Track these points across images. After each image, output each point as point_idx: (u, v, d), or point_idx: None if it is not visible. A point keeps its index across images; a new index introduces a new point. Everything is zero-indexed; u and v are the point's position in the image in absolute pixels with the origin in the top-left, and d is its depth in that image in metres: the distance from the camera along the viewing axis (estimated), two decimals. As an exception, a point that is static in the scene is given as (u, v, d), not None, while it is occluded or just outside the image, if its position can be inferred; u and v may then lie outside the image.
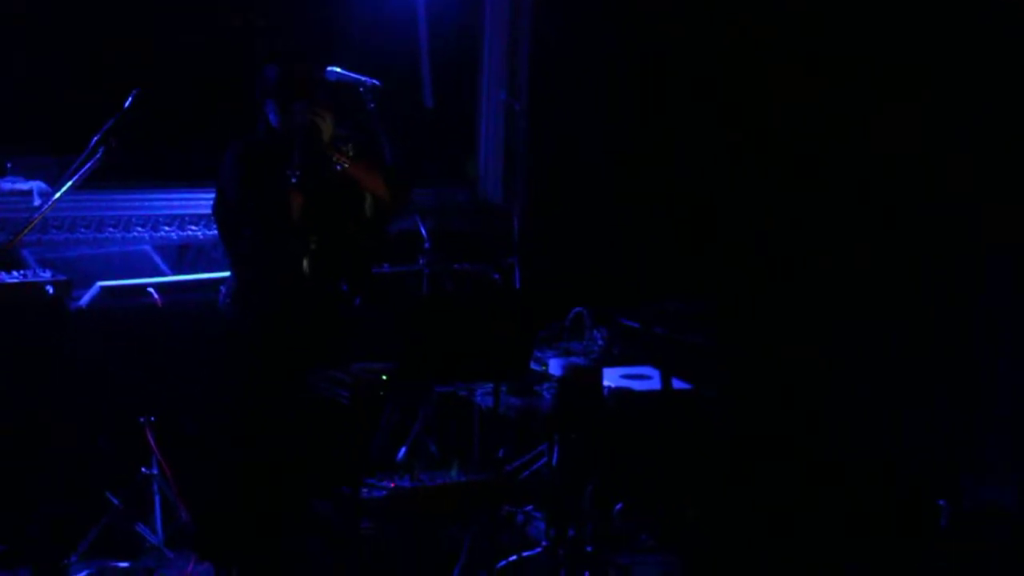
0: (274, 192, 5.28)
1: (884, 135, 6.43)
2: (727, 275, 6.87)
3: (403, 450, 5.90)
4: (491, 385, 5.23)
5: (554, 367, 5.48)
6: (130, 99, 5.50)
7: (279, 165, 5.29)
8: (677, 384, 5.49)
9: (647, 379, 5.59)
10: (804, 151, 6.78)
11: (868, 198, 6.52)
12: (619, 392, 5.39)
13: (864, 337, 6.52)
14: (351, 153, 5.39)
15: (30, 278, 5.47)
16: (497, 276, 6.28)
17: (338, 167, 5.35)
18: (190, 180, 6.62)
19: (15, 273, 5.46)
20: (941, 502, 6.02)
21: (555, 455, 5.47)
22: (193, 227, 6.51)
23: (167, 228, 6.48)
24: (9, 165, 6.37)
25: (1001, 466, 6.09)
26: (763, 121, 7.02)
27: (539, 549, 5.54)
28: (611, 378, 5.46)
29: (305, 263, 5.28)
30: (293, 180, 5.26)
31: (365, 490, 4.94)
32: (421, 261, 6.01)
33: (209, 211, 6.47)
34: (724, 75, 7.17)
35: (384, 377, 5.16)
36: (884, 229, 6.43)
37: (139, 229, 6.44)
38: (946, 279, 6.27)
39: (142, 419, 5.69)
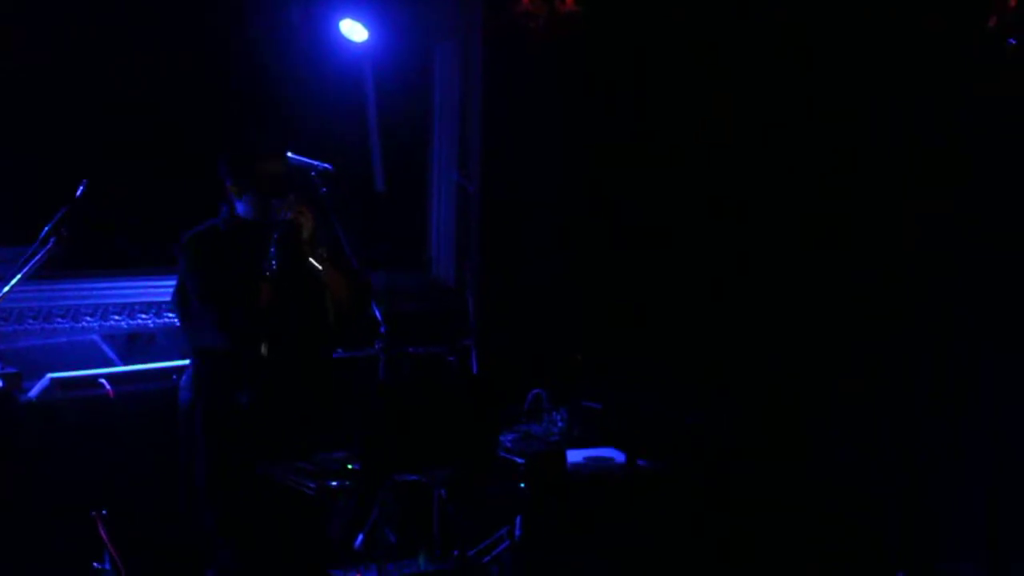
0: (244, 280, 5.16)
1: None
2: (686, 356, 6.84)
3: (360, 537, 5.77)
4: (453, 471, 5.17)
5: (516, 451, 5.48)
6: (80, 189, 5.42)
7: (244, 253, 5.20)
8: (641, 463, 5.51)
9: (610, 460, 5.62)
10: (757, 218, 6.83)
11: (827, 259, 6.56)
12: (583, 473, 5.43)
13: (829, 413, 6.55)
14: (325, 255, 5.30)
15: (-20, 371, 5.38)
16: (453, 359, 6.20)
17: (318, 268, 5.28)
18: (139, 268, 6.51)
19: (-36, 366, 5.22)
20: (900, 573, 6.06)
21: (518, 538, 5.39)
22: (143, 315, 6.38)
23: (116, 317, 6.34)
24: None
25: (965, 542, 6.08)
26: (711, 197, 7.04)
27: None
28: (574, 459, 5.51)
29: (264, 348, 5.17)
30: (267, 273, 5.18)
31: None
32: (377, 345, 5.91)
33: (158, 298, 6.40)
34: (673, 152, 7.18)
35: (349, 467, 5.08)
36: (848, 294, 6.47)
37: (88, 319, 6.28)
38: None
39: (94, 512, 5.51)
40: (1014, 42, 3.15)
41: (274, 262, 5.20)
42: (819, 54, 6.55)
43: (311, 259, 5.30)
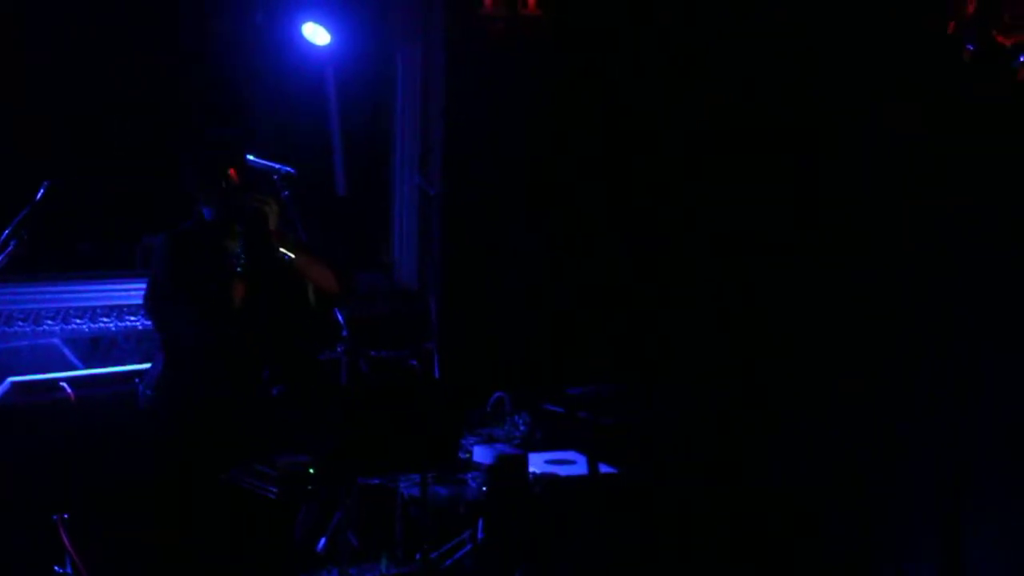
0: (216, 280, 5.18)
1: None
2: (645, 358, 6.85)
3: (323, 541, 5.76)
4: (416, 475, 5.16)
5: (478, 455, 5.44)
6: (41, 191, 5.38)
7: (216, 254, 5.22)
8: (603, 468, 5.51)
9: (572, 464, 5.61)
10: (714, 227, 6.85)
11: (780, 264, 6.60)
12: (545, 478, 5.40)
13: (784, 419, 6.55)
14: (295, 242, 5.33)
15: (-61, 375, 5.32)
16: (415, 362, 6.20)
17: (286, 259, 5.29)
18: (101, 271, 6.49)
19: (-78, 370, 5.21)
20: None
21: (480, 542, 5.40)
22: (105, 319, 6.35)
23: (78, 320, 6.30)
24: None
25: (921, 545, 6.11)
26: (671, 203, 7.08)
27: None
28: (536, 464, 5.47)
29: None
30: (238, 269, 5.20)
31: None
32: (339, 349, 5.90)
33: (121, 302, 6.36)
34: (633, 161, 7.22)
35: (311, 471, 5.07)
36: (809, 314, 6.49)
37: (49, 322, 6.25)
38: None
39: (56, 517, 5.46)
40: (972, 48, 3.19)
41: (242, 257, 5.19)
42: (787, 57, 6.59)
43: (281, 248, 5.29)
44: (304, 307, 5.40)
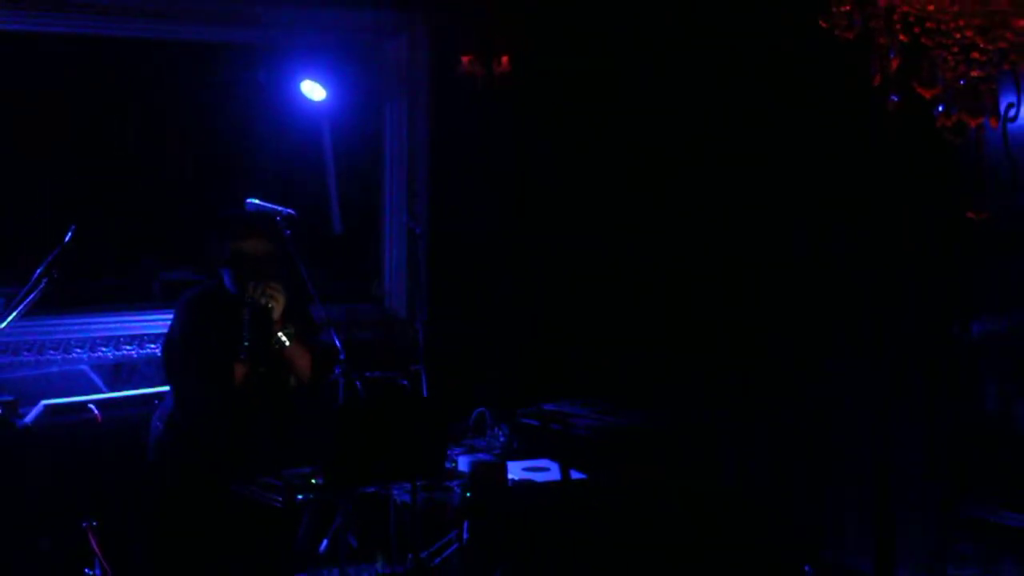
0: (222, 360, 5.29)
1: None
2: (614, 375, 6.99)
3: (325, 543, 5.79)
4: (407, 483, 5.20)
5: (462, 464, 5.48)
6: (69, 234, 5.48)
7: (225, 323, 5.30)
8: (574, 475, 5.55)
9: (546, 471, 5.67)
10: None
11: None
12: (523, 484, 5.46)
13: (739, 418, 6.69)
14: (292, 333, 5.41)
15: (-21, 399, 5.58)
16: (405, 382, 6.25)
17: (284, 343, 5.37)
18: (123, 304, 6.63)
19: (-35, 395, 5.47)
20: (807, 567, 6.10)
21: (465, 542, 5.44)
22: (127, 347, 6.50)
23: (103, 349, 6.46)
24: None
25: (857, 535, 6.16)
26: (631, 227, 7.24)
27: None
28: (514, 471, 5.53)
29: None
30: (243, 356, 5.28)
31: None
32: (337, 370, 5.95)
33: (141, 331, 6.42)
34: (598, 199, 7.38)
35: (313, 481, 5.12)
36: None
37: (78, 350, 6.41)
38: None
39: (85, 524, 5.55)
40: (896, 99, 3.28)
41: (246, 343, 5.27)
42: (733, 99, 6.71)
43: (280, 334, 5.37)
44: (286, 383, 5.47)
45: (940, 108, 3.19)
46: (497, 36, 7.24)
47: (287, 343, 5.37)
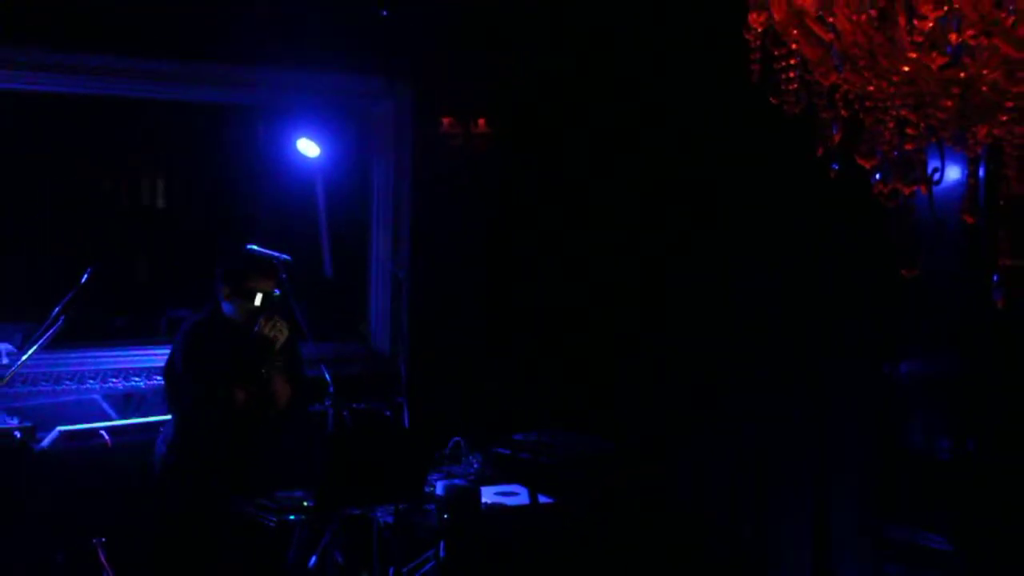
0: (224, 384, 5.39)
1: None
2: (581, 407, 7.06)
3: (314, 559, 5.85)
4: (390, 505, 5.27)
5: (440, 488, 5.52)
6: (86, 275, 5.53)
7: (226, 349, 5.39)
8: (542, 499, 5.60)
9: (516, 495, 5.71)
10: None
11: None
12: (494, 507, 5.49)
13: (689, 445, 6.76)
14: (280, 365, 5.55)
15: (1, 425, 5.52)
16: (388, 413, 6.32)
17: (266, 374, 5.47)
18: (132, 339, 6.66)
19: (-13, 422, 5.67)
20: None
21: (442, 560, 5.50)
22: (136, 378, 6.55)
23: (114, 380, 6.50)
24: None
25: (796, 558, 6.24)
26: (601, 276, 7.35)
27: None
28: (487, 495, 5.56)
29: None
30: (261, 376, 5.42)
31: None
32: (327, 402, 6.03)
33: (149, 364, 6.46)
34: (566, 247, 7.52)
35: (305, 504, 5.20)
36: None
37: (91, 381, 6.45)
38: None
39: (95, 540, 5.61)
40: (837, 167, 3.40)
41: (248, 370, 5.39)
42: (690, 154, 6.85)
43: (270, 363, 5.48)
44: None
45: (877, 176, 3.28)
46: (474, 100, 7.40)
47: (274, 373, 5.45)
